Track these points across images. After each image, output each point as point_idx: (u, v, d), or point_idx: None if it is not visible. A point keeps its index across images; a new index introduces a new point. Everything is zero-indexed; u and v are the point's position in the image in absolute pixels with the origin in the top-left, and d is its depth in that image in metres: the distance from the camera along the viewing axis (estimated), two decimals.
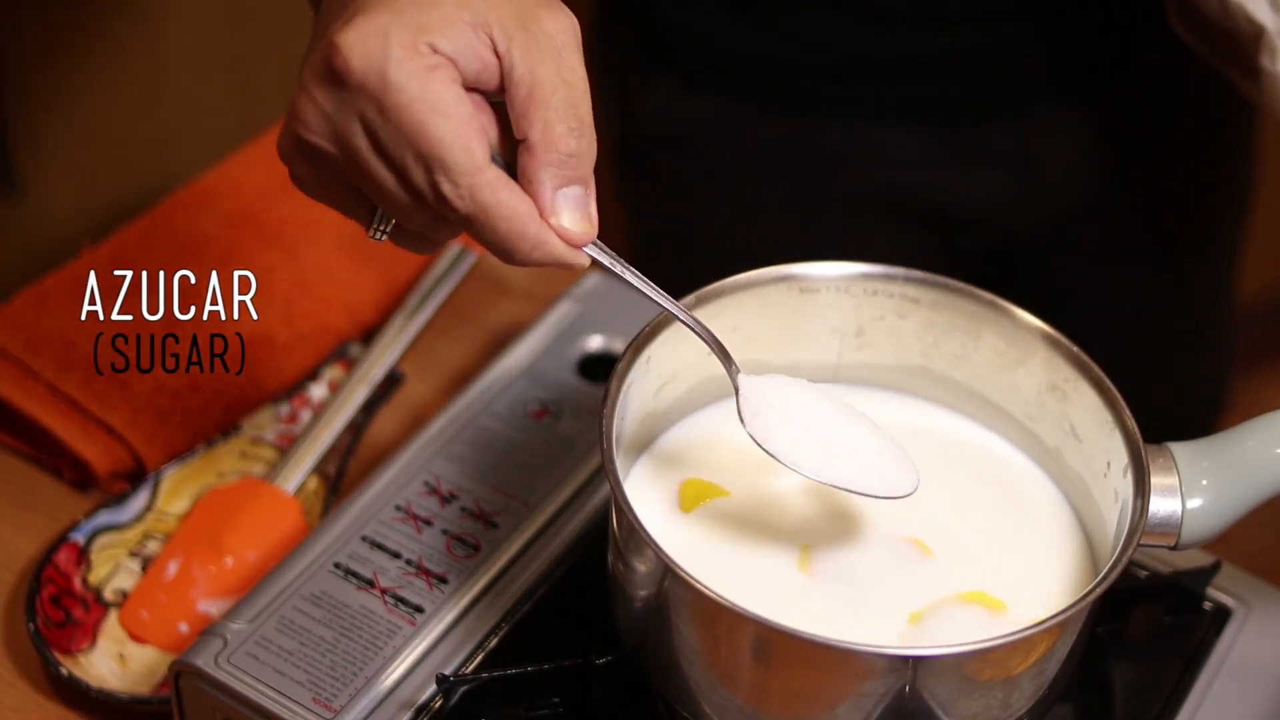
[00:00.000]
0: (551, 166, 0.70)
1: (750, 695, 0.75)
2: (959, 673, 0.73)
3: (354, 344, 1.05)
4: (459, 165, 0.69)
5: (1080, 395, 0.82)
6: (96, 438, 0.98)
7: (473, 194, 0.69)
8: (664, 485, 0.84)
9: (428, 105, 0.68)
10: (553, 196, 0.71)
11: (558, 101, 0.70)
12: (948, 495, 0.84)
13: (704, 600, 0.72)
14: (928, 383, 0.88)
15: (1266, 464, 0.78)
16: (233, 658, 0.82)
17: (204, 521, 0.96)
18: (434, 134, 0.68)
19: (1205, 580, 0.88)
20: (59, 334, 1.01)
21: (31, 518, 0.98)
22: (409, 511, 0.89)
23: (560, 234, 0.71)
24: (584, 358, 0.98)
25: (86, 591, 0.92)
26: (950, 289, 0.85)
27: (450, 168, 0.69)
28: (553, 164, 0.70)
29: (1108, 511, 0.80)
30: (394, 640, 0.83)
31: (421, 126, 0.68)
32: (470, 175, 0.69)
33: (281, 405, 1.02)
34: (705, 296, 0.83)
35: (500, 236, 0.70)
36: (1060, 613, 0.73)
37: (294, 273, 1.07)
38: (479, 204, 0.69)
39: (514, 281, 1.14)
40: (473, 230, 0.70)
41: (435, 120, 0.68)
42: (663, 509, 0.82)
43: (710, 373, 0.86)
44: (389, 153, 0.70)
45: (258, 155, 1.14)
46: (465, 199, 0.69)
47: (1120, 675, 0.86)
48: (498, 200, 0.69)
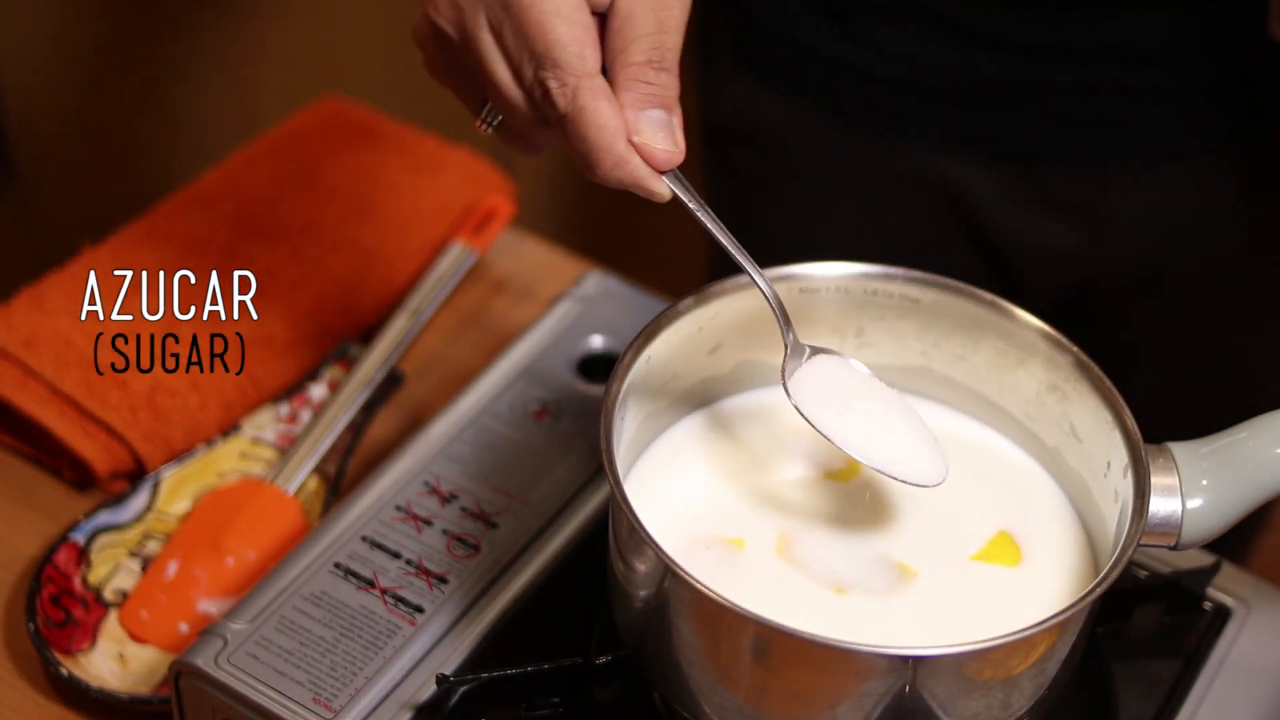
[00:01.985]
0: (633, 88, 0.74)
1: (750, 695, 0.75)
2: (959, 673, 0.73)
3: (354, 344, 1.05)
4: (569, 65, 0.73)
5: (1080, 395, 0.82)
6: (96, 438, 0.98)
7: (576, 95, 0.73)
8: (664, 485, 0.84)
9: (551, 7, 0.73)
10: (636, 115, 0.74)
11: (645, 35, 0.74)
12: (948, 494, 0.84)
13: (704, 600, 0.72)
14: (928, 383, 0.88)
15: (1266, 464, 0.78)
16: (233, 658, 0.82)
17: (204, 521, 0.96)
18: (552, 34, 0.73)
19: (1205, 580, 0.88)
20: (59, 334, 1.01)
21: (31, 518, 0.98)
22: (409, 511, 0.89)
23: (643, 152, 0.74)
24: (584, 358, 0.98)
25: (86, 591, 0.92)
26: (950, 289, 0.85)
27: (561, 66, 0.73)
28: (634, 87, 0.74)
29: (1108, 511, 0.80)
30: (394, 640, 0.83)
31: (541, 25, 0.73)
32: (578, 77, 0.73)
33: (281, 405, 1.02)
34: (706, 296, 0.83)
35: (589, 144, 0.73)
36: (1060, 613, 0.73)
37: (294, 273, 1.07)
38: (578, 106, 0.73)
39: (514, 281, 1.14)
40: (567, 134, 0.74)
41: (555, 21, 0.73)
42: (663, 509, 0.82)
43: (710, 373, 0.86)
44: (507, 46, 0.74)
45: (258, 155, 1.14)
46: (568, 99, 0.73)
47: (1120, 675, 0.86)
48: (596, 106, 0.73)
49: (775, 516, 0.83)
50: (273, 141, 1.15)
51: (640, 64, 0.74)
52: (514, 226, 1.17)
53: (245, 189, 1.11)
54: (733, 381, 0.87)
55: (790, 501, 0.83)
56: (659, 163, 0.75)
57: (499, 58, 0.75)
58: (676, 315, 0.82)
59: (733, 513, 0.83)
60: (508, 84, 0.76)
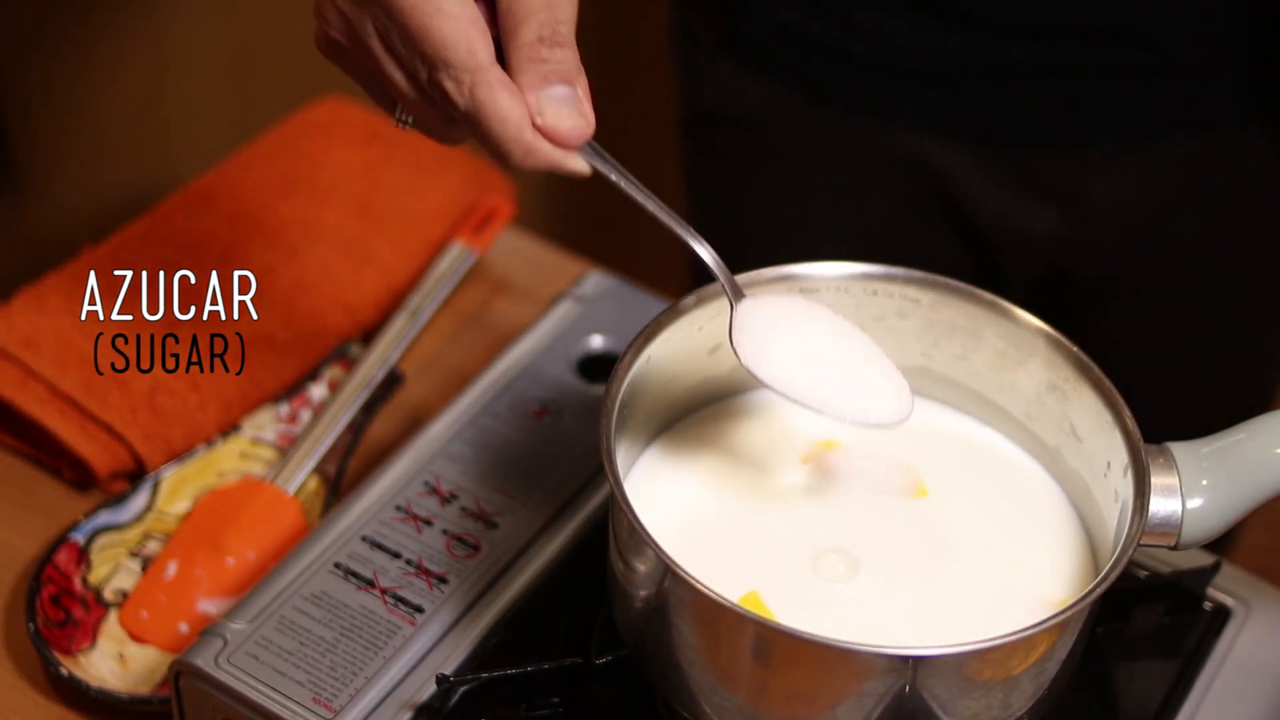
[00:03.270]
0: (529, 69, 0.72)
1: (750, 695, 0.75)
2: (959, 673, 0.73)
3: (354, 344, 1.05)
4: (461, 63, 0.71)
5: (1080, 395, 0.82)
6: (96, 438, 0.98)
7: (473, 91, 0.72)
8: (664, 485, 0.84)
9: (433, 7, 0.71)
10: (537, 96, 0.72)
11: (534, 13, 0.72)
12: (949, 494, 0.84)
13: (704, 600, 0.72)
14: (928, 382, 0.88)
15: (1266, 464, 0.78)
16: (233, 658, 0.82)
17: (204, 521, 0.96)
18: (437, 34, 0.71)
19: (1205, 580, 0.88)
20: (59, 334, 1.01)
21: (31, 518, 0.98)
22: (409, 511, 0.89)
23: (549, 133, 0.72)
24: (584, 358, 0.98)
25: (86, 591, 0.92)
26: (950, 289, 0.85)
27: (453, 65, 0.71)
28: (530, 69, 0.72)
29: (1108, 511, 0.80)
30: (394, 640, 0.83)
31: (425, 27, 0.71)
32: (472, 73, 0.71)
33: (281, 405, 1.02)
34: (706, 296, 0.83)
35: (495, 138, 0.72)
36: (1060, 613, 0.73)
37: (294, 273, 1.07)
38: (477, 101, 0.71)
39: (514, 281, 1.14)
40: (473, 131, 0.73)
41: (439, 21, 0.71)
42: (663, 509, 0.82)
43: (710, 373, 0.86)
44: (398, 51, 0.73)
45: (258, 155, 1.14)
46: (465, 96, 0.72)
47: (1120, 675, 0.86)
48: (494, 99, 0.71)
49: (775, 516, 0.83)
50: (272, 142, 1.15)
51: (532, 43, 0.72)
52: (514, 226, 1.17)
53: (245, 189, 1.11)
54: (733, 381, 0.87)
55: (790, 501, 0.83)
56: (568, 140, 0.73)
57: (392, 63, 0.74)
58: (676, 315, 0.82)
59: (733, 512, 0.83)
60: (405, 88, 0.74)
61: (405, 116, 0.78)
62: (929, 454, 0.86)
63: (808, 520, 0.82)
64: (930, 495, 0.84)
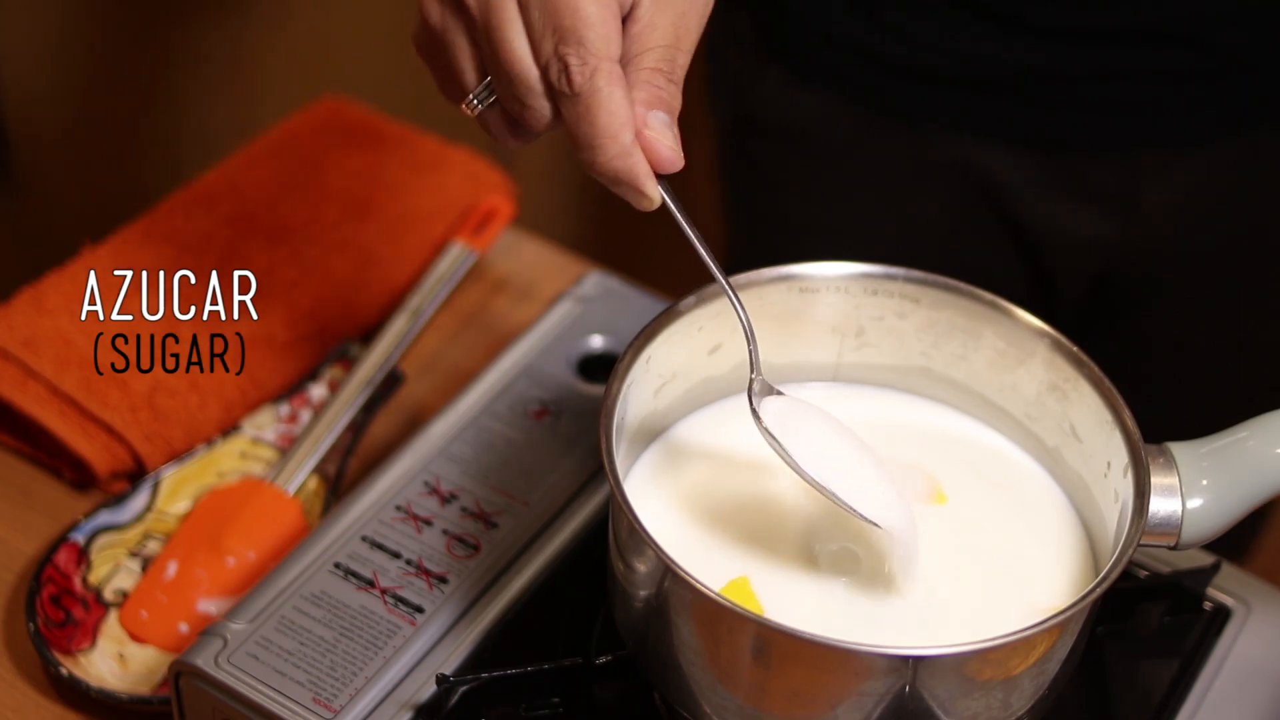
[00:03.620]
0: (646, 88, 0.74)
1: (750, 695, 0.75)
2: (959, 673, 0.73)
3: (354, 344, 1.05)
4: (593, 45, 0.72)
5: (1080, 395, 0.82)
6: (96, 438, 0.98)
7: (594, 75, 0.72)
8: (664, 485, 0.84)
9: None
10: (645, 112, 0.74)
11: (663, 46, 0.74)
12: (948, 494, 0.84)
13: (704, 600, 0.72)
14: (928, 382, 0.88)
15: (1266, 464, 0.78)
16: (233, 658, 0.82)
17: (204, 521, 0.96)
18: (582, 10, 0.72)
19: (1205, 580, 0.88)
20: (59, 334, 1.01)
21: (31, 518, 0.98)
22: (409, 511, 0.89)
23: (649, 147, 0.74)
24: (584, 358, 0.98)
25: (86, 591, 0.92)
26: (950, 289, 0.85)
27: (585, 44, 0.72)
28: (647, 88, 0.74)
29: (1108, 511, 0.80)
30: (394, 640, 0.83)
31: (572, 1, 0.72)
32: (599, 58, 0.72)
33: (281, 405, 1.02)
34: (706, 296, 0.83)
35: (598, 128, 0.73)
36: (1060, 613, 0.73)
37: (294, 273, 1.07)
38: (594, 87, 0.72)
39: (514, 281, 1.14)
40: (575, 116, 0.73)
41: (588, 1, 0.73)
42: (663, 509, 0.82)
43: (710, 373, 0.86)
44: (531, 17, 0.73)
45: (258, 155, 1.14)
46: (585, 77, 0.72)
47: (1120, 675, 0.86)
48: (611, 91, 0.73)
49: (775, 517, 0.83)
50: (273, 141, 1.15)
51: (653, 69, 0.74)
52: (514, 226, 1.17)
53: (245, 189, 1.11)
54: (733, 381, 0.87)
55: (790, 501, 0.83)
56: (662, 161, 0.74)
57: (519, 28, 0.74)
58: (676, 315, 0.82)
59: (733, 513, 0.83)
60: (521, 56, 0.74)
61: (485, 96, 0.77)
62: (929, 454, 0.86)
63: (808, 520, 0.82)
64: (948, 501, 0.84)
